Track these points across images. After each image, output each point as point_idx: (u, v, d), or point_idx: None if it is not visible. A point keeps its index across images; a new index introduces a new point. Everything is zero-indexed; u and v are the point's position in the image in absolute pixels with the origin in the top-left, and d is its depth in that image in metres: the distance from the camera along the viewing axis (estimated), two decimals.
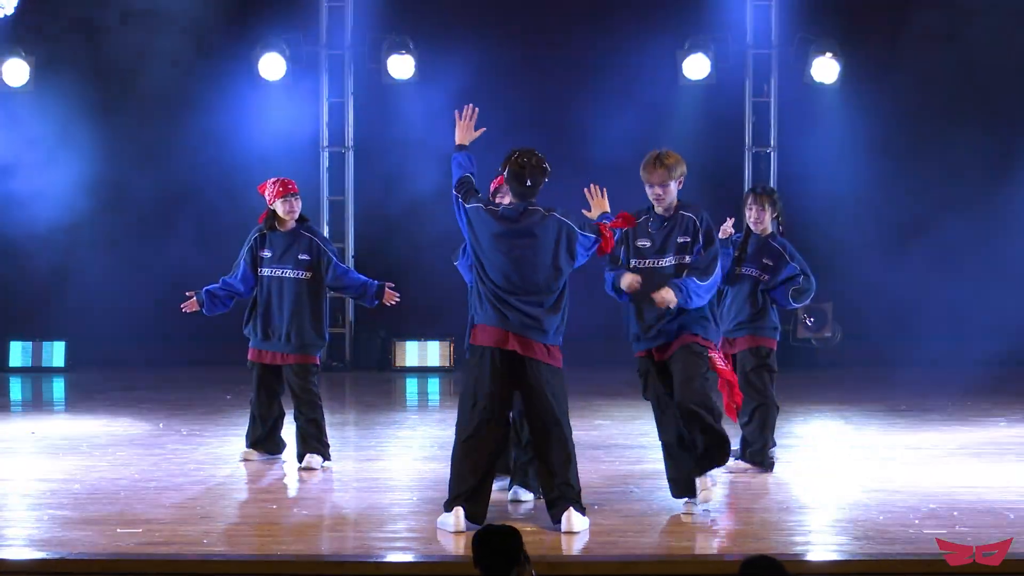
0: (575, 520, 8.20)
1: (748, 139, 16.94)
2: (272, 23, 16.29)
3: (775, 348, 10.36)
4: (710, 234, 8.83)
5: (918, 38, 16.47)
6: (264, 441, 10.67)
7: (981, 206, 16.93)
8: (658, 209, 8.79)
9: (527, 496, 9.03)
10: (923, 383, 15.14)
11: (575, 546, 8.01)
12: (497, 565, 5.86)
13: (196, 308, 10.53)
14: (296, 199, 10.45)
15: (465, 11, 16.57)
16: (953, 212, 16.97)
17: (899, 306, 16.97)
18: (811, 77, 16.42)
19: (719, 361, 8.89)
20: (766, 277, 10.20)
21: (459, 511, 8.19)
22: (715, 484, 8.86)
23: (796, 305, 10.40)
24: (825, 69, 16.34)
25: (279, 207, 10.40)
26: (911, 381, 15.28)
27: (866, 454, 11.09)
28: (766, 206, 10.32)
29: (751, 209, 10.35)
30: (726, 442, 8.72)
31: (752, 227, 10.34)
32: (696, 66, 16.41)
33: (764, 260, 10.22)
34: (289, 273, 10.35)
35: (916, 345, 16.52)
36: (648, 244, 8.79)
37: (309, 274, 10.35)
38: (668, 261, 8.75)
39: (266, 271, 10.40)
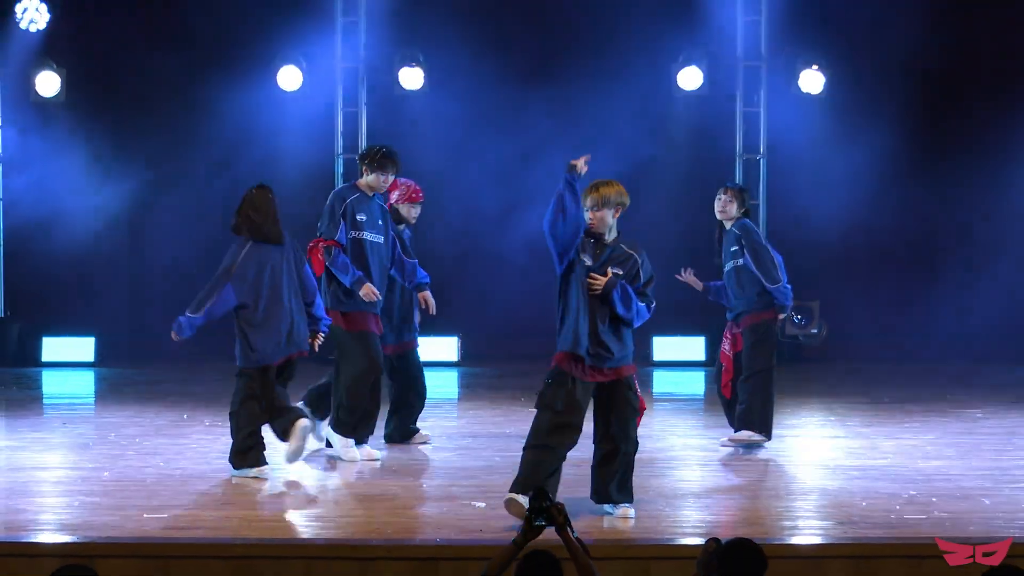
0: None
1: (739, 147, 17.01)
2: (290, 38, 16.39)
3: (773, 318, 10.81)
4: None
5: (901, 50, 16.55)
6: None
7: (963, 210, 17.15)
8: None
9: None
10: (903, 377, 15.35)
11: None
12: None
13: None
14: (415, 207, 11.11)
15: (471, 27, 16.58)
16: (935, 216, 17.21)
17: (882, 305, 17.16)
18: (799, 88, 16.52)
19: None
20: (740, 261, 10.76)
21: None
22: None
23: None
24: (812, 81, 16.47)
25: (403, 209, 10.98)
26: (892, 375, 15.50)
27: (850, 444, 11.30)
28: (732, 198, 10.87)
29: (719, 200, 10.90)
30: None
31: (718, 215, 10.94)
32: (690, 78, 16.59)
33: (732, 248, 10.83)
34: None
35: (897, 342, 16.72)
36: (589, 262, 8.52)
37: None
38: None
39: None
